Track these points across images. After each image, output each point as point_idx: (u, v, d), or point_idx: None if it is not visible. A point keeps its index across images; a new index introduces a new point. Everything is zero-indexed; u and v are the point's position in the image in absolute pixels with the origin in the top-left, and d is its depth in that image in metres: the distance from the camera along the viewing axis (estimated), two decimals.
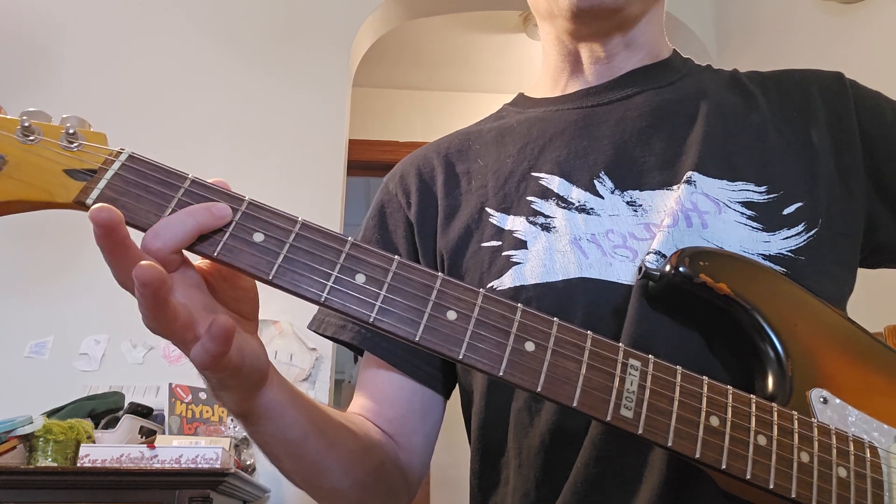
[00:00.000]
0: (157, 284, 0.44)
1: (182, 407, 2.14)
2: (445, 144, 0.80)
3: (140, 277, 0.44)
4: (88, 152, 0.51)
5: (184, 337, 0.48)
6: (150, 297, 0.45)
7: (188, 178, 0.51)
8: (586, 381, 0.49)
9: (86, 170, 0.51)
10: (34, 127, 0.51)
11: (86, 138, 0.52)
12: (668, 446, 0.49)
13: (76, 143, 0.51)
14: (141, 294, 0.45)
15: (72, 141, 0.51)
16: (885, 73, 1.99)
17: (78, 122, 0.52)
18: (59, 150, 0.51)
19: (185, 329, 0.48)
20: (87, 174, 0.51)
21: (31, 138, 0.51)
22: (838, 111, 0.71)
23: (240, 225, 0.50)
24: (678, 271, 0.58)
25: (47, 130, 0.51)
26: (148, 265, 0.44)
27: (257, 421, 0.57)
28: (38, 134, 0.51)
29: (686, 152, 0.69)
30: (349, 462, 0.65)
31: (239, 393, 0.54)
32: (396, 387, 0.73)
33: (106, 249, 0.46)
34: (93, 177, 0.50)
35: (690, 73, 0.78)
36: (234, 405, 0.55)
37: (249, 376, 0.52)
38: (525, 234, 0.68)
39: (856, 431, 0.54)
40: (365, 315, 0.49)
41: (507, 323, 0.50)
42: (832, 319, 0.60)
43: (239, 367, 0.50)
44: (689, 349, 0.59)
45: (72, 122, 0.52)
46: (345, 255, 0.50)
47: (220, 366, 0.49)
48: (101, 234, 0.46)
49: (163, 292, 0.45)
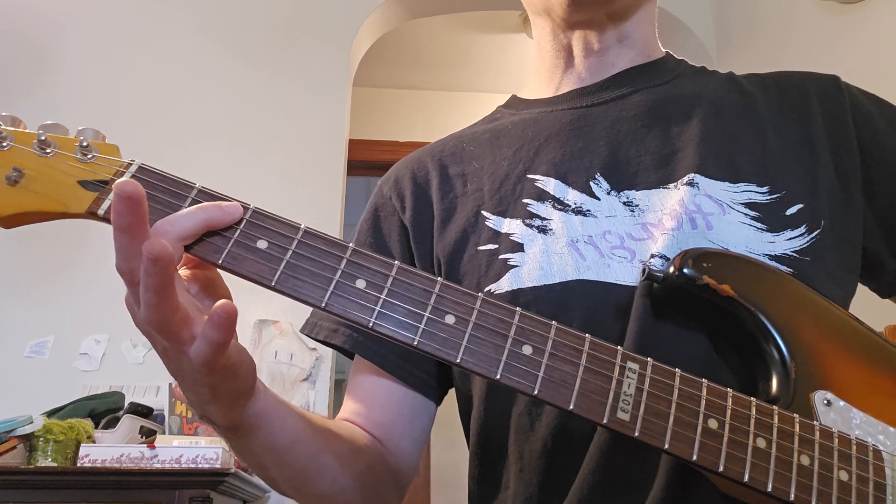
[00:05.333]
0: (167, 261, 0.44)
1: (182, 407, 2.14)
2: (439, 147, 0.80)
3: (152, 251, 0.44)
4: (101, 164, 0.53)
5: (180, 334, 0.47)
6: (159, 276, 0.44)
7: (195, 187, 0.53)
8: (583, 384, 0.50)
9: (98, 181, 0.53)
10: (50, 140, 0.53)
11: (99, 150, 0.54)
12: (664, 448, 0.49)
13: (90, 154, 0.53)
14: (150, 272, 0.44)
15: (86, 153, 0.53)
16: (884, 73, 1.99)
17: (93, 135, 0.54)
18: (74, 162, 0.53)
19: (183, 325, 0.47)
20: (100, 185, 0.52)
21: (47, 151, 0.53)
22: (835, 114, 0.71)
23: (244, 232, 0.51)
24: (682, 273, 0.58)
25: (63, 143, 0.53)
26: (160, 241, 0.44)
27: (248, 432, 0.56)
28: (54, 147, 0.53)
29: (683, 150, 0.69)
30: (338, 466, 0.65)
31: (229, 402, 0.53)
32: (387, 391, 0.73)
33: (125, 226, 0.46)
34: (104, 187, 0.52)
35: (685, 73, 0.78)
36: (224, 418, 0.54)
37: (245, 378, 0.52)
38: (522, 237, 0.67)
39: (860, 434, 0.54)
40: (364, 320, 0.50)
41: (505, 327, 0.51)
42: (838, 320, 0.60)
43: (237, 365, 0.50)
44: (694, 351, 0.59)
45: (86, 134, 0.54)
46: (346, 261, 0.51)
47: (219, 362, 0.48)
48: (126, 208, 0.45)
49: (171, 271, 0.45)
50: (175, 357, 0.49)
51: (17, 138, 0.53)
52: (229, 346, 0.48)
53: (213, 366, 0.48)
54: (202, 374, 0.49)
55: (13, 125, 0.54)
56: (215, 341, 0.47)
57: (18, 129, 0.54)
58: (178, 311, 0.47)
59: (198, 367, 0.48)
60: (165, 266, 0.44)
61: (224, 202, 0.51)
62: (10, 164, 0.52)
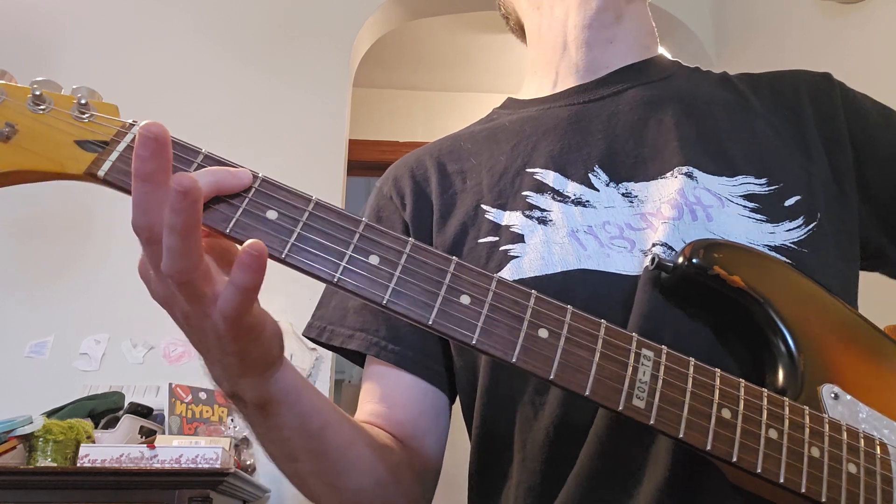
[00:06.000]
0: (197, 195, 0.42)
1: (182, 407, 2.13)
2: (437, 147, 0.81)
3: (182, 184, 0.42)
4: (100, 123, 0.50)
5: (203, 290, 0.45)
6: (187, 213, 0.42)
7: (201, 152, 0.50)
8: (599, 370, 0.49)
9: (97, 141, 0.50)
10: (45, 96, 0.50)
11: (97, 109, 0.51)
12: (679, 437, 0.49)
13: (87, 113, 0.50)
14: (178, 209, 0.42)
15: (83, 112, 0.50)
16: (883, 73, 1.99)
17: (89, 93, 0.51)
18: (70, 120, 0.50)
19: (206, 280, 0.45)
20: (99, 146, 0.49)
21: (41, 107, 0.49)
22: (827, 111, 0.72)
23: (253, 202, 0.49)
24: (692, 263, 0.58)
25: (58, 100, 0.50)
26: (188, 174, 0.42)
27: (278, 410, 0.55)
28: (48, 103, 0.50)
29: (679, 142, 0.69)
30: (373, 456, 0.63)
31: (258, 372, 0.52)
32: (407, 389, 0.72)
33: (147, 173, 0.43)
34: (105, 148, 0.49)
35: (680, 71, 0.79)
36: (254, 391, 0.53)
37: (271, 344, 0.51)
38: (522, 228, 0.67)
39: (866, 428, 0.54)
40: (378, 297, 0.48)
41: (521, 309, 0.50)
42: (844, 315, 0.60)
43: (262, 326, 0.49)
44: (699, 341, 0.59)
45: (83, 92, 0.51)
46: (359, 235, 0.49)
47: (246, 319, 0.46)
48: (151, 152, 0.43)
49: (199, 209, 0.43)
50: (198, 322, 0.47)
51: (8, 92, 0.50)
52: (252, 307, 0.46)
53: (241, 322, 0.46)
54: (229, 338, 0.47)
55: (4, 79, 0.51)
56: (245, 285, 0.44)
57: (11, 84, 0.50)
58: (203, 264, 0.45)
59: (225, 325, 0.46)
60: (194, 201, 0.42)
61: (232, 167, 0.49)
62: (1, 120, 0.49)
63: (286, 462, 0.61)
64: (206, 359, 0.51)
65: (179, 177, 0.42)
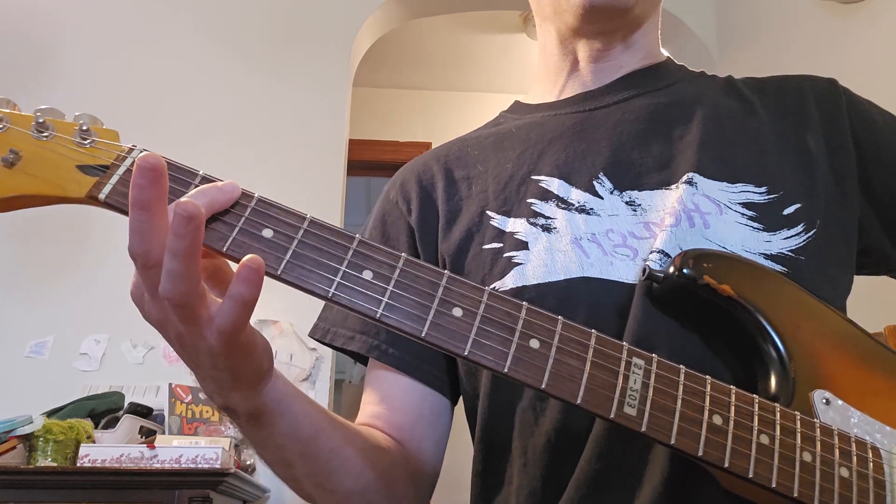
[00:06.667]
0: (200, 220, 0.44)
1: (182, 407, 2.14)
2: (444, 151, 0.81)
3: (186, 210, 0.43)
4: (101, 148, 0.53)
5: (199, 312, 0.46)
6: (190, 238, 0.44)
7: (199, 174, 0.52)
8: (590, 379, 0.50)
9: (98, 165, 0.52)
10: (48, 123, 0.52)
11: (98, 135, 0.53)
12: (671, 444, 0.49)
13: (89, 139, 0.53)
14: (181, 235, 0.44)
15: (85, 137, 0.52)
16: (885, 74, 1.99)
17: (91, 120, 0.54)
18: (72, 146, 0.52)
19: (201, 302, 0.46)
20: (100, 170, 0.52)
21: (45, 134, 0.52)
22: (832, 116, 0.72)
23: (249, 220, 0.50)
24: (682, 273, 0.58)
25: (61, 127, 0.53)
26: (191, 200, 0.44)
27: (270, 419, 0.56)
28: (51, 130, 0.52)
29: (683, 153, 0.70)
30: (362, 461, 0.64)
31: (250, 385, 0.53)
32: (406, 392, 0.73)
33: (145, 202, 0.45)
34: (105, 172, 0.52)
35: (685, 77, 0.79)
36: (246, 403, 0.54)
37: (262, 358, 0.52)
38: (526, 236, 0.68)
39: (858, 433, 0.54)
40: (372, 311, 0.50)
41: (512, 320, 0.51)
42: (834, 322, 0.61)
43: (253, 344, 0.50)
44: (692, 350, 0.59)
45: (84, 119, 0.53)
46: (352, 251, 0.51)
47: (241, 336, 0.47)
48: (149, 181, 0.45)
49: (201, 234, 0.45)
50: (192, 341, 0.48)
51: (13, 120, 0.52)
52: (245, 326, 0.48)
53: (236, 338, 0.48)
54: (222, 356, 0.48)
55: (8, 107, 0.53)
56: (244, 299, 0.46)
57: (14, 112, 0.53)
58: (200, 285, 0.46)
59: (220, 342, 0.47)
60: (198, 227, 0.44)
61: (219, 182, 0.51)
62: (6, 146, 0.51)
63: (281, 467, 0.62)
64: (197, 374, 0.53)
65: (183, 203, 0.44)
